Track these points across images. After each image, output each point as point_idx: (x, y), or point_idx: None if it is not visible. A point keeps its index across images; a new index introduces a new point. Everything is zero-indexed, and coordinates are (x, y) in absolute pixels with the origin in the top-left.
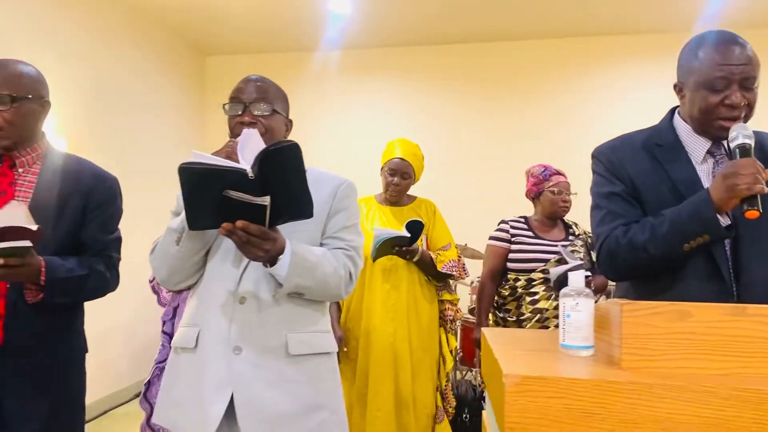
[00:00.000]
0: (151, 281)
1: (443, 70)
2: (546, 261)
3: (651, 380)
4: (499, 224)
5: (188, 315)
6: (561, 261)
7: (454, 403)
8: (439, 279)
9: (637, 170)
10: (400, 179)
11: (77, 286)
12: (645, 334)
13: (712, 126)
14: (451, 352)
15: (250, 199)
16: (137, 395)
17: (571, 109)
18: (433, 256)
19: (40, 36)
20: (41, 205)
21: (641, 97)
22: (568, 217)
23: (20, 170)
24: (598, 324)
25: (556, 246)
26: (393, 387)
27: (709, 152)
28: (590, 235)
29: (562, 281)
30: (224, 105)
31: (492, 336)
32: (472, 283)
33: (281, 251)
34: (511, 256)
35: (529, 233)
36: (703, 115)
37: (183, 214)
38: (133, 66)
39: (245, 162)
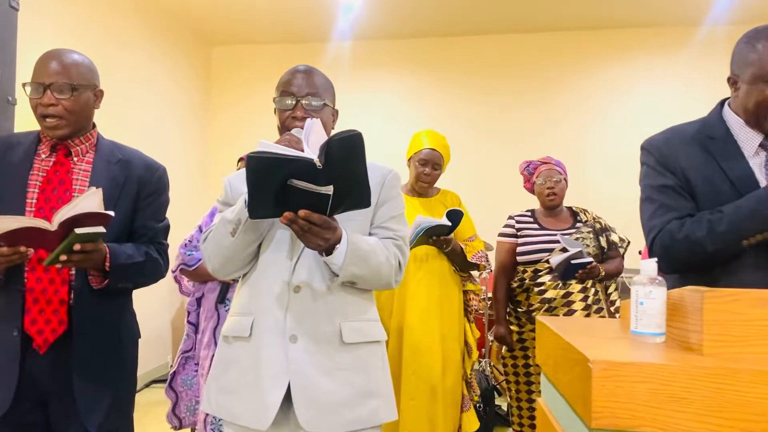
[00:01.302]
0: (173, 271)
1: (455, 62)
2: (550, 251)
3: (737, 365)
4: (507, 219)
5: (240, 304)
6: (564, 250)
7: (479, 391)
8: (464, 269)
9: (690, 163)
10: (431, 170)
11: (137, 271)
12: (726, 321)
13: (766, 119)
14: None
15: (314, 188)
16: (147, 385)
17: (581, 102)
18: (462, 246)
19: (45, 25)
20: None
21: (652, 89)
22: (577, 204)
23: (75, 159)
24: (670, 311)
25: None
26: (426, 376)
27: (761, 145)
28: (599, 220)
29: (565, 269)
30: (274, 98)
31: (554, 324)
32: (480, 275)
33: (338, 240)
34: (518, 249)
35: (534, 225)
36: (758, 108)
37: (237, 205)
38: (140, 56)
39: (310, 151)
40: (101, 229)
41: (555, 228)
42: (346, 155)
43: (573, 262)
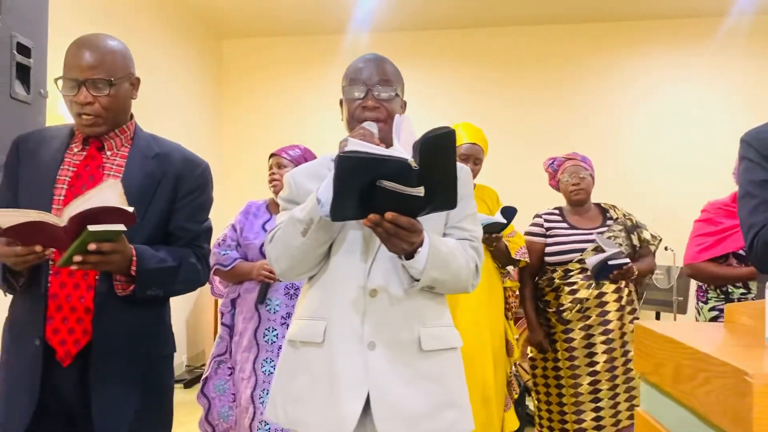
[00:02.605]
0: None
1: (474, 54)
2: (582, 251)
3: None
4: (534, 218)
5: (310, 308)
6: (598, 249)
7: (518, 390)
8: (505, 266)
9: None
10: (472, 165)
11: (169, 278)
12: None
13: None
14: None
15: (405, 189)
16: None
17: (603, 95)
18: (506, 243)
19: (54, 17)
20: (130, 191)
21: (680, 82)
22: (606, 200)
23: (108, 153)
24: None
25: (592, 234)
26: (480, 378)
27: None
28: (630, 217)
29: (601, 269)
30: (343, 86)
31: (666, 330)
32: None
33: (421, 244)
34: (547, 249)
35: (564, 225)
36: None
37: (308, 203)
38: (150, 48)
39: (401, 149)
40: (120, 227)
41: (585, 227)
42: (439, 154)
43: (610, 263)
